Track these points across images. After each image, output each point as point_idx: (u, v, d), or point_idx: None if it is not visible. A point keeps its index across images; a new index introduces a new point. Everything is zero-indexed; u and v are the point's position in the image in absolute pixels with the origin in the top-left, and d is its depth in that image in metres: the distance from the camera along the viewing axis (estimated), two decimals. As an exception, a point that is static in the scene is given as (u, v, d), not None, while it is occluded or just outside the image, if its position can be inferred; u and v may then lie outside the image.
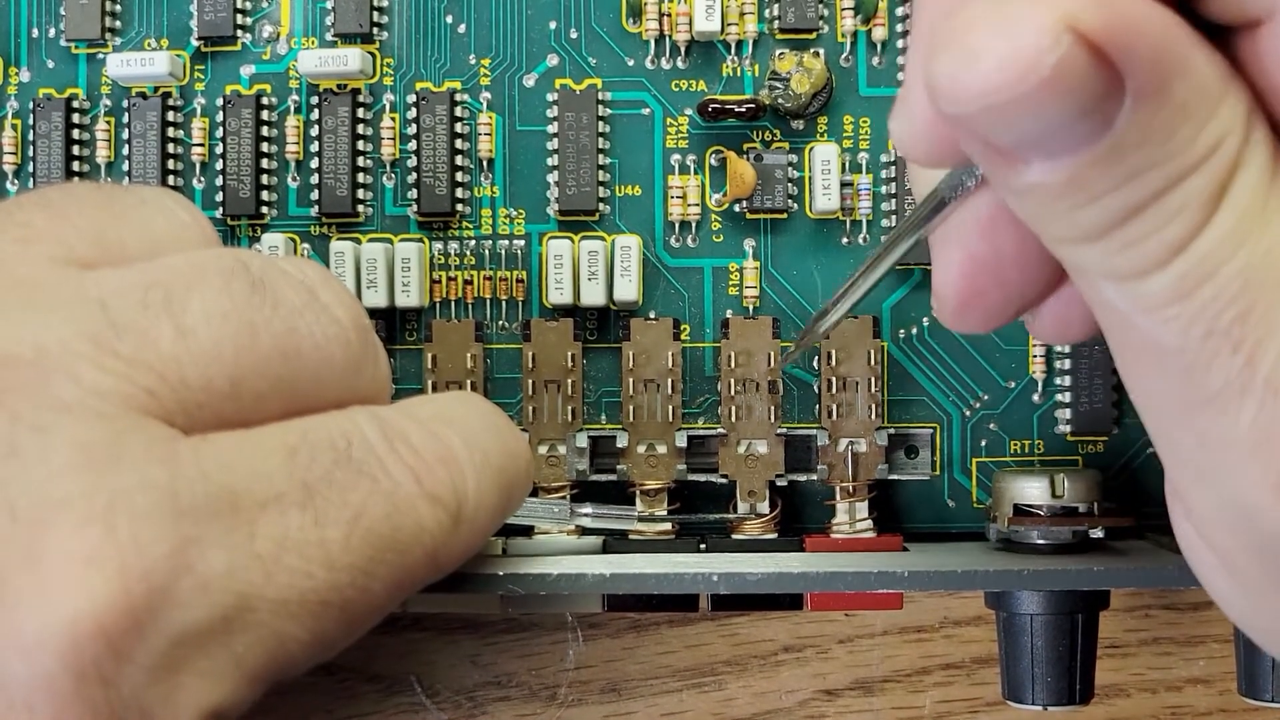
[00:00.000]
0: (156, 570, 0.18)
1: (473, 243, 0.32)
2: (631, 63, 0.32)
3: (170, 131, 0.32)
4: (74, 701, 0.17)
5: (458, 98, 0.32)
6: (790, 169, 0.32)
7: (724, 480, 0.31)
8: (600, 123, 0.32)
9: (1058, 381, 0.32)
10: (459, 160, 0.32)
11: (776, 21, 0.32)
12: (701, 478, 0.31)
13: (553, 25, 0.32)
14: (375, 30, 0.32)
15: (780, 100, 0.31)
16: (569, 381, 0.31)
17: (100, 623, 0.17)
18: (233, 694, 0.19)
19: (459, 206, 0.32)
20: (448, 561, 0.22)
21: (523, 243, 0.32)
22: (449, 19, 0.32)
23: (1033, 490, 0.29)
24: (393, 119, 0.32)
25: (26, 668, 0.17)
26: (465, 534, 0.22)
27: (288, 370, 0.21)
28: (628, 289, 0.31)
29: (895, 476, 0.32)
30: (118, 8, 0.33)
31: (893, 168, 0.32)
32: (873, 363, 0.31)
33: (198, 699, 0.19)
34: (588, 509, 0.30)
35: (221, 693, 0.19)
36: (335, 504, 0.20)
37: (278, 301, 0.21)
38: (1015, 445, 0.32)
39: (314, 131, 0.32)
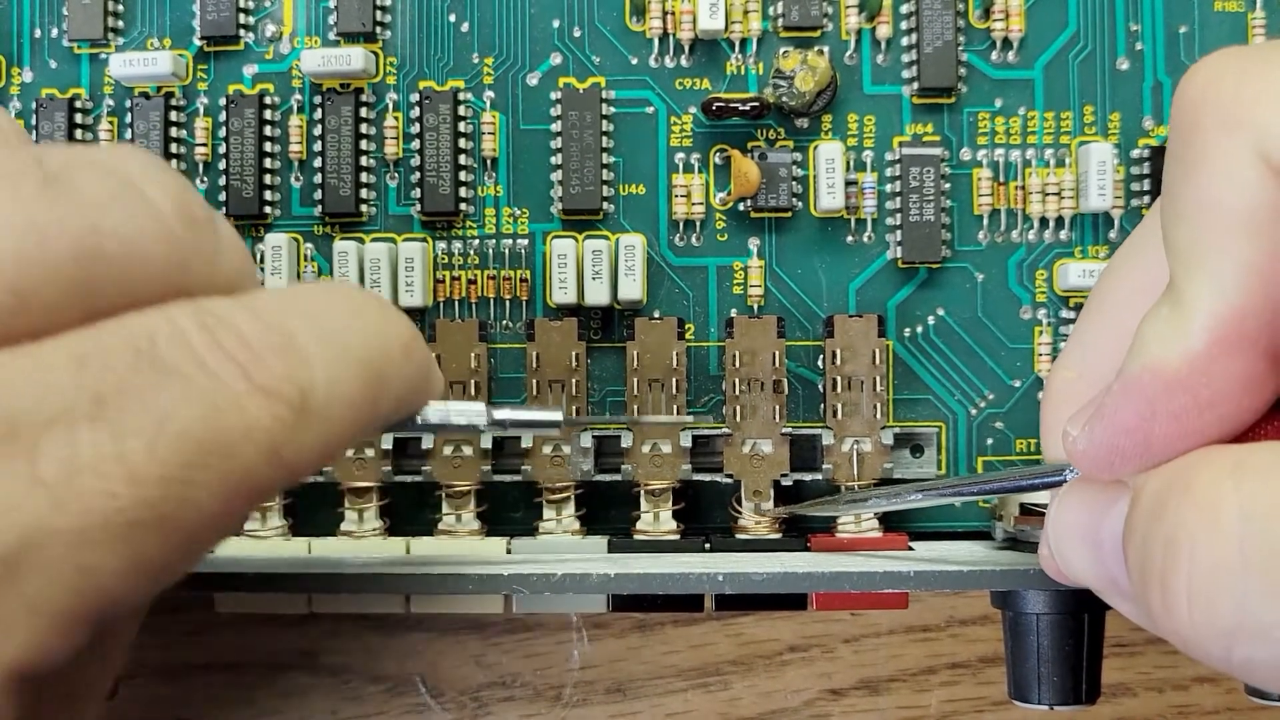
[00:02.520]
0: None
1: (476, 242, 0.32)
2: (635, 61, 0.32)
3: (173, 131, 0.32)
4: None
5: (461, 97, 0.32)
6: (794, 167, 0.32)
7: (729, 480, 0.31)
8: (604, 121, 0.32)
9: (1063, 380, 0.32)
10: (462, 159, 0.32)
11: (780, 19, 0.32)
12: (706, 477, 0.31)
13: (556, 24, 0.32)
14: (378, 29, 0.32)
15: (784, 98, 0.31)
16: (573, 381, 0.31)
17: None
18: (36, 643, 0.17)
19: (462, 206, 0.32)
20: (298, 459, 0.19)
21: (526, 242, 0.32)
22: (452, 18, 0.32)
23: (1039, 489, 0.29)
24: (396, 118, 0.32)
25: None
26: (318, 428, 0.19)
27: (86, 274, 0.18)
28: (632, 288, 0.31)
29: (901, 475, 0.32)
30: (120, 8, 0.33)
31: (897, 165, 0.32)
32: (877, 361, 0.31)
33: None
34: (506, 411, 0.26)
35: (21, 640, 0.16)
36: (134, 412, 0.17)
37: (77, 198, 0.18)
38: (1021, 444, 0.32)
39: (317, 131, 0.32)
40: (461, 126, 0.32)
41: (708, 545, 0.31)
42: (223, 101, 0.32)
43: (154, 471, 0.17)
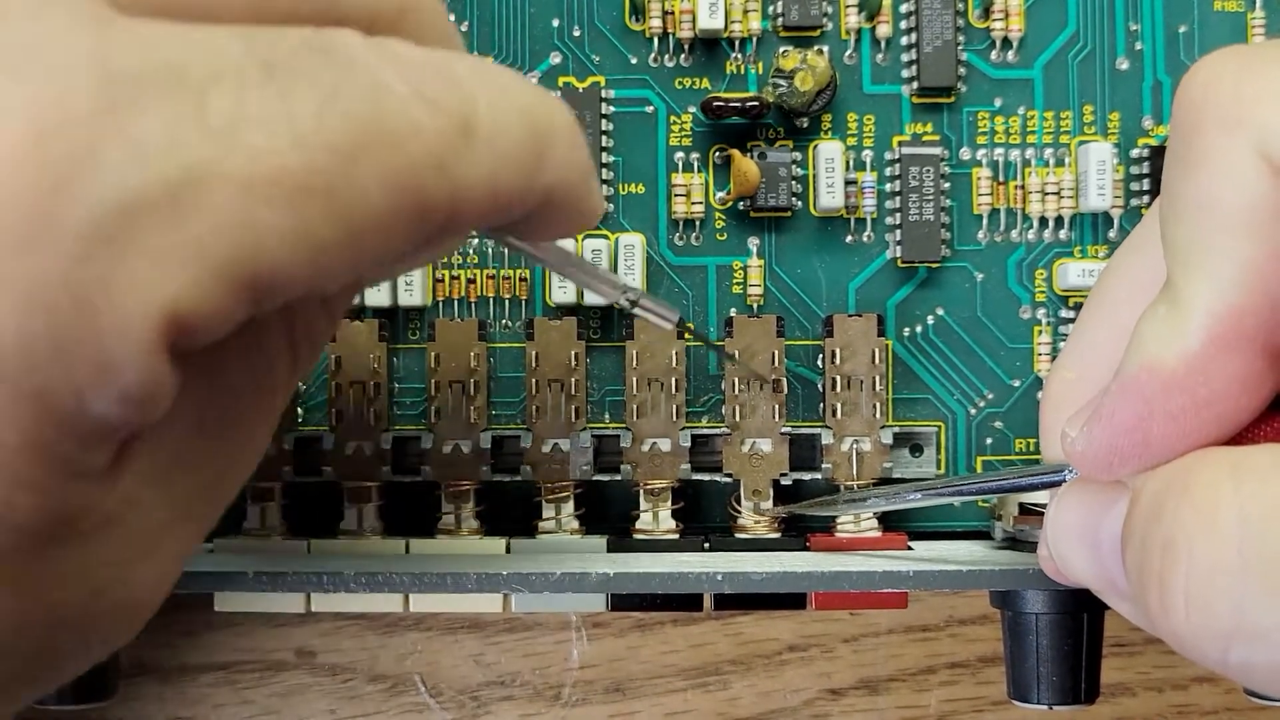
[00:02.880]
0: (76, 125, 0.15)
1: (476, 241, 0.32)
2: (635, 61, 0.32)
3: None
4: None
5: (460, 96, 0.32)
6: (794, 167, 0.32)
7: (728, 479, 0.31)
8: (603, 121, 0.32)
9: (1063, 379, 0.32)
10: (462, 159, 0.32)
11: (780, 19, 0.32)
12: (705, 477, 0.31)
13: (555, 23, 0.32)
14: (377, 28, 0.32)
15: (784, 98, 0.31)
16: (572, 380, 0.31)
17: (8, 175, 0.15)
18: (199, 289, 0.16)
19: (462, 205, 0.32)
20: (464, 180, 0.18)
21: (526, 241, 0.32)
22: (451, 17, 0.32)
23: (1038, 489, 0.29)
24: (395, 117, 0.32)
25: None
26: (485, 155, 0.19)
27: None
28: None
29: (900, 475, 0.32)
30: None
31: (896, 165, 0.32)
32: (877, 361, 0.31)
33: (150, 289, 0.15)
34: (643, 295, 0.26)
35: (180, 283, 0.16)
36: (302, 84, 0.17)
37: None
38: (1020, 444, 0.32)
39: (316, 130, 0.32)
40: (461, 126, 0.32)
41: (707, 545, 0.31)
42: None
43: (321, 139, 0.17)
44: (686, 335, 0.31)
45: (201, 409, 0.18)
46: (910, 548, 0.30)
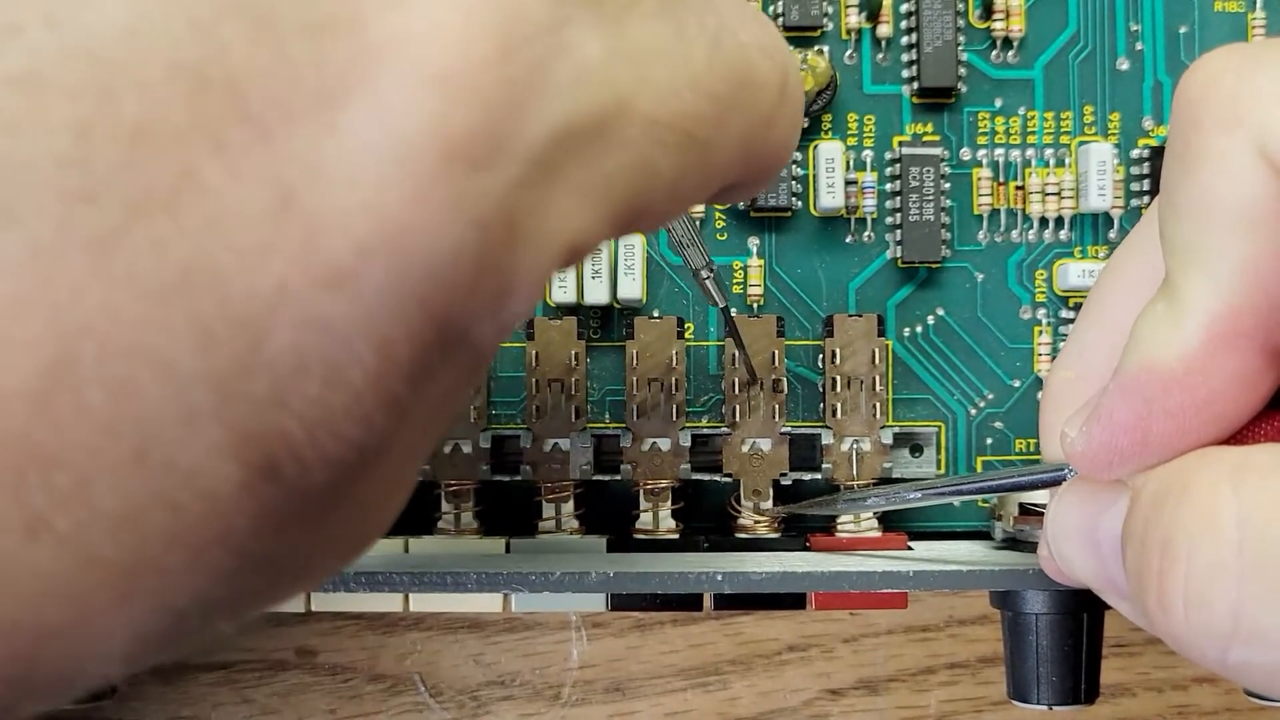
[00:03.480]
0: (537, 39, 0.14)
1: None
2: (635, 60, 0.32)
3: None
4: (435, 185, 0.13)
5: (461, 96, 0.32)
6: (794, 167, 0.32)
7: (728, 479, 0.31)
8: (603, 121, 0.32)
9: (1063, 380, 0.32)
10: (462, 158, 0.32)
11: (780, 19, 0.32)
12: (705, 477, 0.31)
13: (556, 23, 0.32)
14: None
15: (784, 98, 0.31)
16: (572, 380, 0.31)
17: (476, 85, 0.13)
18: (596, 224, 0.15)
19: (462, 205, 0.32)
20: (776, 135, 0.18)
21: (526, 241, 0.32)
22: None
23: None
24: (395, 117, 0.32)
25: (382, 132, 0.13)
26: (787, 114, 0.18)
27: None
28: (631, 287, 0.31)
29: (900, 475, 0.32)
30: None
31: (897, 165, 0.32)
32: (877, 361, 0.31)
33: (565, 220, 0.15)
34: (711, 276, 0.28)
35: (587, 218, 0.15)
36: (694, 23, 0.16)
37: None
38: (1020, 444, 0.32)
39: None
40: (461, 125, 0.32)
41: (706, 545, 0.31)
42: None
43: (709, 85, 0.16)
44: (687, 335, 0.31)
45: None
46: (910, 548, 0.30)
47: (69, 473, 0.12)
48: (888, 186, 0.32)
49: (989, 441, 0.32)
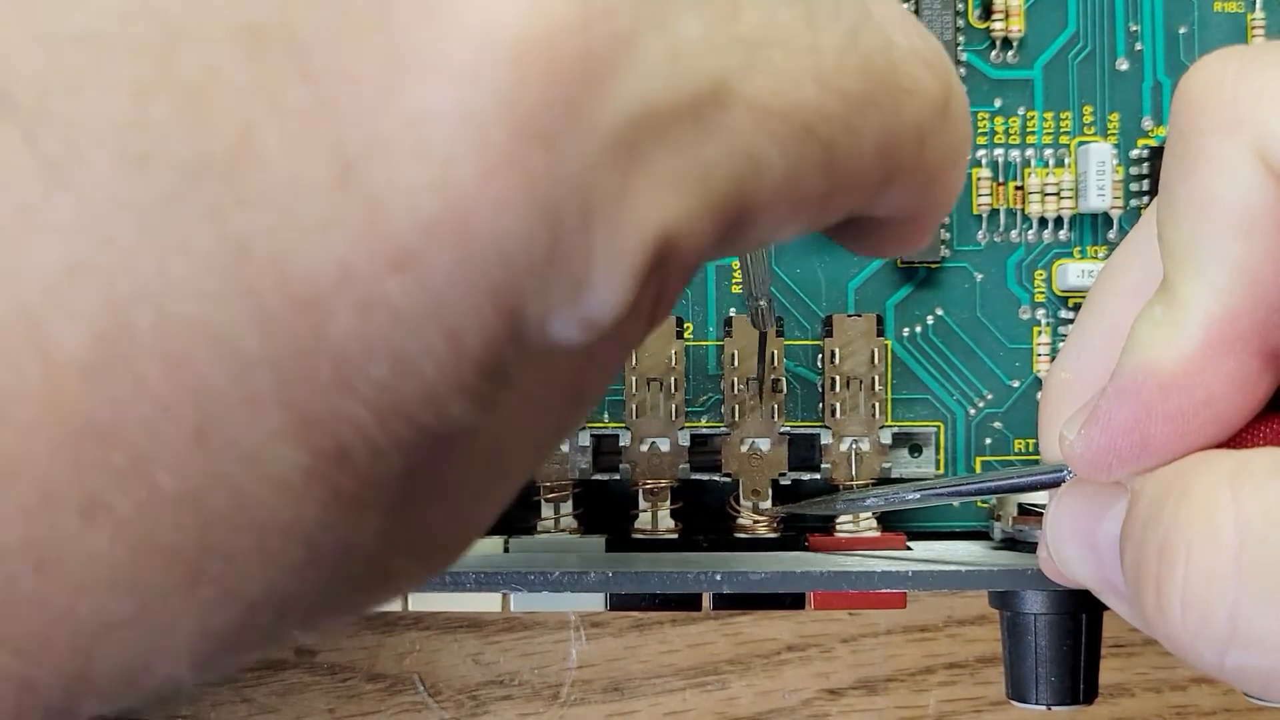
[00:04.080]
0: (623, 9, 0.13)
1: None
2: (634, 60, 0.32)
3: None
4: (506, 163, 0.12)
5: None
6: (794, 167, 0.32)
7: (727, 479, 0.31)
8: (603, 120, 0.32)
9: (1062, 380, 0.32)
10: (461, 158, 0.32)
11: (780, 18, 0.32)
12: (704, 476, 0.31)
13: (555, 22, 0.32)
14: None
15: (784, 98, 0.31)
16: (571, 380, 0.31)
17: (553, 55, 0.13)
18: (691, 216, 0.14)
19: (461, 204, 0.32)
20: (932, 152, 0.17)
21: (525, 241, 0.32)
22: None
23: (1037, 489, 0.29)
24: (395, 116, 0.32)
25: (450, 101, 0.12)
26: (949, 132, 0.17)
27: None
28: (630, 287, 0.31)
29: (899, 475, 0.32)
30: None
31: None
32: (876, 361, 0.31)
33: (653, 209, 0.13)
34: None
35: (680, 208, 0.14)
36: (828, 12, 0.15)
37: None
38: (1020, 444, 0.32)
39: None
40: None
41: (705, 544, 0.31)
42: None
43: (839, 81, 0.15)
44: (686, 335, 0.31)
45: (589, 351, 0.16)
46: (909, 548, 0.30)
47: (126, 450, 0.11)
48: (887, 186, 0.32)
49: (988, 442, 0.32)
